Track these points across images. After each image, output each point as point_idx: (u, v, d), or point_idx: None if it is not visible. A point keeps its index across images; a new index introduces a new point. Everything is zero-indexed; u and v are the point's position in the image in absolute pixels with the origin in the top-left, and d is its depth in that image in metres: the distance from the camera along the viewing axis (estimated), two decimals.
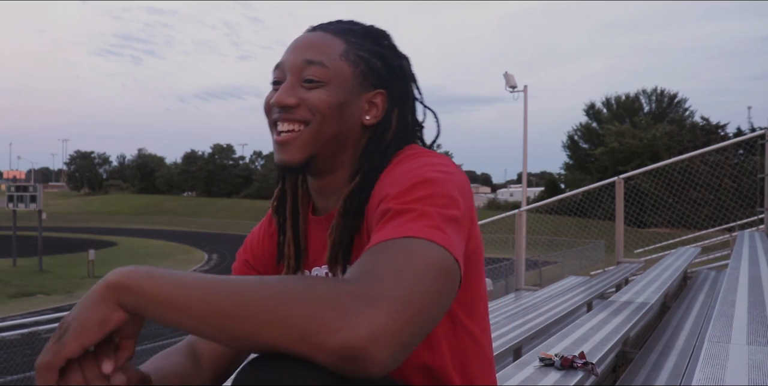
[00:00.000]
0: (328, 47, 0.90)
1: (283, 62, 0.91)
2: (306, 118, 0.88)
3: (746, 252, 3.67)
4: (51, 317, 8.68)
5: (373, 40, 0.94)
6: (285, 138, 0.88)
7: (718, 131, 36.82)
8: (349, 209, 0.89)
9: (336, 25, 0.94)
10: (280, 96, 0.87)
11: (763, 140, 6.40)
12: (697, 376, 1.25)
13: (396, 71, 0.94)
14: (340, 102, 0.88)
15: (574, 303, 3.87)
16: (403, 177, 0.80)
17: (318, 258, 0.97)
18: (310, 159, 0.89)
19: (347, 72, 0.89)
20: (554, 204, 8.22)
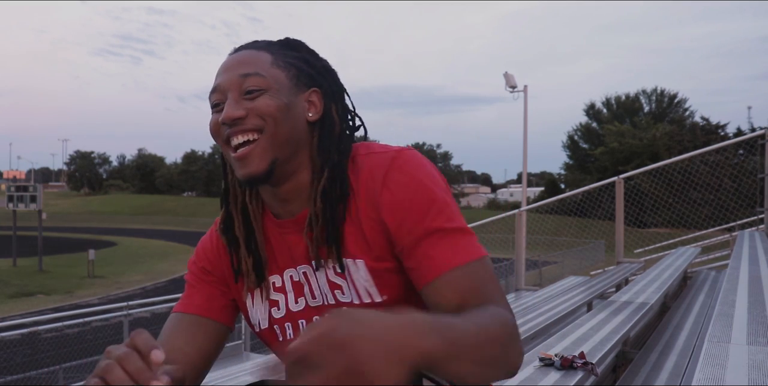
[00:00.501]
0: (258, 60, 0.95)
1: (219, 84, 0.95)
2: (258, 125, 0.91)
3: (746, 252, 3.67)
4: (51, 317, 8.67)
5: (293, 48, 1.01)
6: (244, 152, 0.91)
7: (718, 131, 36.84)
8: (328, 204, 0.93)
9: (255, 43, 1.01)
10: (227, 111, 0.90)
11: (763, 140, 6.40)
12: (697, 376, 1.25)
13: (322, 70, 1.01)
14: (285, 104, 0.93)
15: (574, 303, 3.87)
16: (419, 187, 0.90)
17: (288, 260, 0.99)
18: (272, 166, 0.91)
19: (282, 77, 0.95)
20: (554, 204, 8.22)
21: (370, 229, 0.91)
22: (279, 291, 1.00)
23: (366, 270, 0.92)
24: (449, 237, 0.87)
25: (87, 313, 8.60)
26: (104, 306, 9.43)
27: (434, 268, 0.86)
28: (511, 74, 18.41)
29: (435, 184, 0.91)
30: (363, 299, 0.93)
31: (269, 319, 1.01)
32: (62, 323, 8.10)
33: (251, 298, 1.03)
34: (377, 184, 0.91)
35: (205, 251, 1.08)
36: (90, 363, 8.80)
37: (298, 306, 0.99)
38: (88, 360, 8.88)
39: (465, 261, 0.86)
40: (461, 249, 0.87)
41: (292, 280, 1.00)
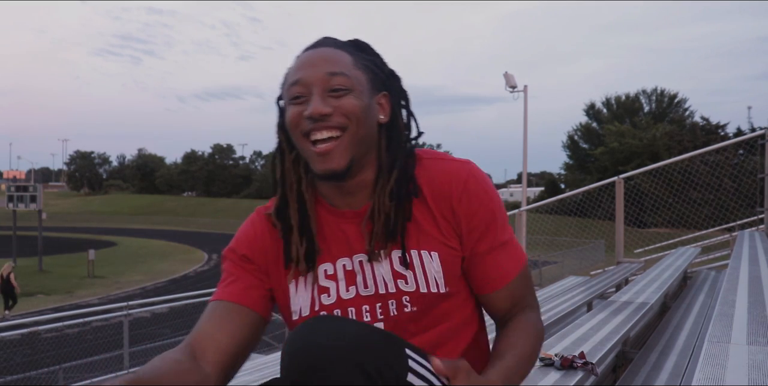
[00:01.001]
0: (342, 59, 1.00)
1: (302, 78, 0.98)
2: (342, 123, 0.96)
3: (746, 252, 3.67)
4: (51, 317, 8.68)
5: (363, 50, 1.06)
6: (326, 148, 0.95)
7: (718, 131, 36.82)
8: (396, 203, 1.00)
9: (332, 41, 1.04)
10: (315, 107, 0.95)
11: (763, 140, 6.39)
12: (697, 376, 1.25)
13: (390, 75, 1.07)
14: (366, 105, 0.99)
15: (574, 303, 3.87)
16: (490, 200, 1.03)
17: (344, 249, 1.04)
18: (351, 163, 0.97)
19: (363, 79, 1.00)
20: (554, 204, 8.21)
21: (444, 227, 1.01)
22: (330, 278, 1.03)
23: (439, 262, 1.00)
24: (509, 248, 1.04)
25: (87, 313, 8.61)
26: (104, 306, 9.44)
27: (500, 279, 1.04)
28: (511, 74, 18.40)
29: (496, 197, 1.04)
30: (431, 288, 1.00)
31: (313, 306, 1.03)
32: (62, 323, 8.11)
33: (295, 285, 1.04)
34: (456, 189, 1.01)
35: (247, 238, 1.09)
36: (90, 363, 8.80)
37: (348, 294, 1.02)
38: (88, 360, 8.88)
39: (519, 270, 1.05)
40: (516, 259, 1.05)
41: (344, 269, 1.03)
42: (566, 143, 47.82)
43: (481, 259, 1.03)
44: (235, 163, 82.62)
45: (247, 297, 1.04)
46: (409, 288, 1.00)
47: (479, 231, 1.01)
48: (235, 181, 78.24)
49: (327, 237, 1.04)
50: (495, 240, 1.03)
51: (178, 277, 24.67)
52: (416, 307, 1.00)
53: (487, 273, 1.04)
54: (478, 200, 1.01)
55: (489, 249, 1.02)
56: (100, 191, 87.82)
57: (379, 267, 1.01)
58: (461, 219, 1.01)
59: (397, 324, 1.00)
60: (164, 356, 0.95)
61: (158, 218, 60.68)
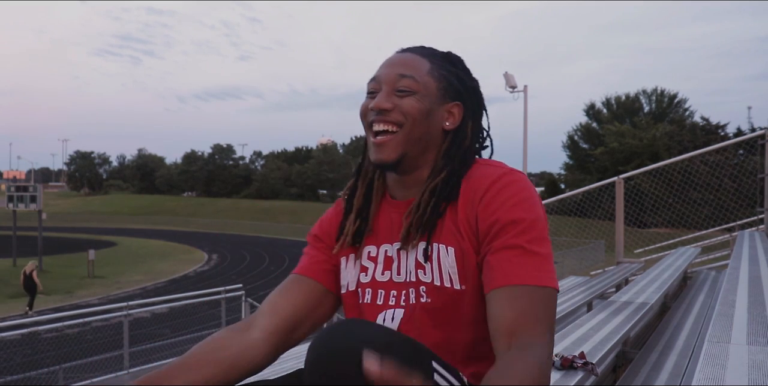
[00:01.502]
0: (417, 65, 1.09)
1: (378, 75, 1.10)
2: (399, 120, 1.06)
3: (746, 252, 3.67)
4: (51, 317, 8.68)
5: (451, 63, 1.14)
6: (382, 140, 1.06)
7: (718, 131, 36.79)
8: (434, 199, 1.06)
9: (421, 48, 1.14)
10: (378, 101, 1.06)
11: (763, 140, 6.39)
12: (697, 376, 1.25)
13: (469, 89, 1.14)
14: (427, 109, 1.07)
15: (574, 303, 3.87)
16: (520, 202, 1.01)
17: (389, 236, 1.12)
18: (402, 157, 1.06)
19: (432, 85, 1.09)
20: (554, 204, 8.21)
21: (464, 226, 1.04)
22: (371, 260, 1.14)
23: (454, 258, 1.04)
24: (530, 258, 0.97)
25: (87, 313, 8.61)
26: (104, 307, 9.44)
27: (509, 277, 0.96)
28: (511, 74, 18.40)
29: (529, 206, 1.01)
30: (444, 283, 1.04)
31: (357, 282, 1.14)
32: (62, 323, 8.11)
33: (346, 261, 1.16)
34: (480, 190, 1.04)
35: (322, 221, 1.23)
36: (90, 363, 8.80)
37: (383, 277, 1.12)
38: (88, 360, 8.88)
39: (533, 284, 0.95)
40: (537, 273, 0.96)
41: (385, 254, 1.12)
42: (566, 143, 47.81)
43: (491, 256, 0.99)
44: (235, 163, 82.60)
45: (311, 269, 1.16)
46: (426, 279, 1.06)
47: (495, 229, 1.00)
48: (235, 181, 78.22)
49: (379, 223, 1.14)
50: (511, 241, 0.98)
51: (178, 277, 24.67)
52: (431, 299, 1.05)
53: (491, 268, 0.98)
54: (501, 199, 1.01)
55: (501, 247, 0.98)
56: (100, 191, 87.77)
57: (408, 256, 1.08)
58: (479, 217, 1.02)
59: (413, 313, 1.07)
60: (216, 334, 1.08)
61: (158, 218, 60.66)
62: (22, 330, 7.72)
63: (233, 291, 10.21)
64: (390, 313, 1.08)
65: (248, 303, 9.95)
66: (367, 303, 1.11)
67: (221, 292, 10.04)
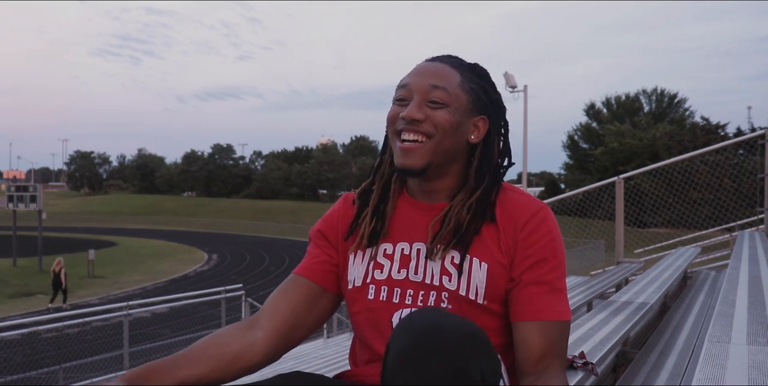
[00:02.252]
0: (449, 76, 1.10)
1: (410, 83, 1.09)
2: (430, 131, 1.06)
3: (746, 252, 3.67)
4: (51, 317, 8.68)
5: (479, 75, 1.15)
6: (410, 146, 1.07)
7: (718, 131, 36.81)
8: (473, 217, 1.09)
9: (450, 59, 1.15)
10: (411, 111, 1.06)
11: (763, 140, 6.39)
12: (697, 376, 1.25)
13: (495, 104, 1.15)
14: (457, 122, 1.08)
15: (574, 303, 3.87)
16: (552, 240, 1.10)
17: (406, 235, 1.13)
18: (428, 166, 1.07)
19: (463, 98, 1.10)
20: (554, 204, 8.21)
21: (504, 246, 1.08)
22: (387, 257, 1.14)
23: (486, 273, 1.07)
24: (556, 294, 1.07)
25: (87, 313, 8.60)
26: (104, 306, 9.44)
27: (534, 312, 1.05)
28: (511, 74, 18.40)
29: (561, 244, 1.10)
30: (470, 294, 1.07)
31: (366, 278, 1.14)
32: (62, 323, 8.10)
33: (354, 257, 1.16)
34: (523, 218, 1.08)
35: (326, 217, 1.23)
36: (90, 363, 8.81)
37: (399, 275, 1.12)
38: (88, 360, 8.88)
39: (560, 319, 1.07)
40: (562, 309, 1.07)
41: (402, 252, 1.13)
42: (566, 143, 47.82)
43: (523, 288, 1.07)
44: (235, 163, 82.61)
45: (311, 270, 1.16)
46: (450, 286, 1.08)
47: (531, 261, 1.06)
48: (235, 181, 78.22)
49: (396, 220, 1.15)
50: (543, 277, 1.07)
51: (178, 277, 24.68)
52: (451, 305, 1.08)
53: (523, 301, 1.06)
54: (540, 234, 1.07)
55: (534, 281, 1.06)
56: (100, 191, 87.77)
57: (431, 261, 1.10)
58: (518, 245, 1.07)
59: None
60: (220, 330, 1.11)
61: (158, 218, 60.66)
62: (22, 330, 7.71)
63: (233, 291, 10.21)
64: (407, 312, 1.09)
65: (248, 303, 9.95)
66: (383, 300, 1.12)
67: (221, 292, 10.04)
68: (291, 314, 1.12)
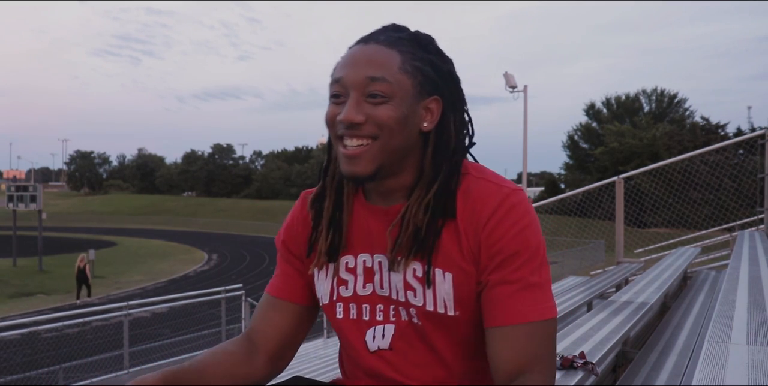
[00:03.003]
0: (387, 61, 0.93)
1: (343, 77, 0.94)
2: (374, 133, 0.92)
3: (746, 252, 3.67)
4: (51, 317, 8.68)
5: (422, 46, 0.98)
6: (354, 151, 0.93)
7: (718, 131, 36.82)
8: (430, 218, 0.95)
9: (385, 34, 0.97)
10: (348, 114, 0.91)
11: (763, 140, 6.39)
12: (697, 376, 1.25)
13: (446, 77, 0.99)
14: (404, 115, 0.93)
15: (574, 303, 3.87)
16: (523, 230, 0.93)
17: (366, 245, 1.02)
18: (378, 169, 0.94)
19: (407, 84, 0.94)
20: (554, 204, 8.22)
21: (466, 251, 0.95)
22: (350, 271, 1.04)
23: (452, 284, 0.95)
24: (531, 291, 0.93)
25: (87, 313, 8.60)
26: (104, 306, 9.45)
27: (509, 315, 0.92)
28: (511, 74, 18.40)
29: (534, 234, 0.94)
30: (438, 309, 0.96)
31: (332, 295, 1.05)
32: (62, 323, 8.11)
33: (318, 272, 1.07)
34: (485, 214, 0.93)
35: (288, 224, 1.12)
36: (90, 363, 8.80)
37: (365, 290, 1.03)
38: (88, 360, 8.88)
39: (538, 319, 0.92)
40: (537, 306, 0.93)
41: (364, 265, 1.03)
42: (566, 143, 47.82)
43: (491, 289, 0.94)
44: (235, 162, 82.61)
45: (286, 290, 1.09)
46: (416, 302, 0.98)
47: (498, 260, 0.93)
48: (235, 181, 78.21)
49: (354, 230, 1.04)
50: (513, 273, 0.93)
51: (178, 277, 24.67)
52: (422, 322, 0.99)
53: (492, 305, 0.93)
54: (506, 227, 0.93)
55: (502, 280, 0.93)
56: (100, 191, 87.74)
57: (394, 273, 0.99)
58: (482, 245, 0.94)
59: (404, 333, 1.01)
60: (218, 348, 1.06)
61: (158, 218, 60.63)
62: (22, 330, 7.71)
63: (233, 291, 10.21)
64: (380, 330, 1.02)
65: (248, 303, 9.95)
66: (353, 319, 1.04)
67: (221, 292, 10.04)
68: (280, 337, 1.08)
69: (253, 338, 1.08)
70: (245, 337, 1.09)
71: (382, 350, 1.01)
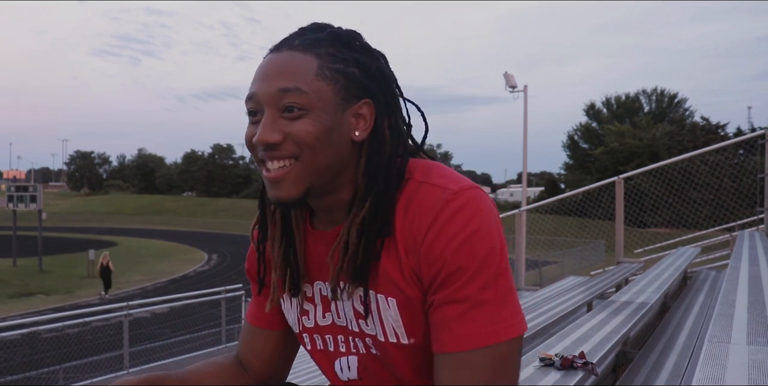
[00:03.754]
0: (301, 68, 0.83)
1: (255, 93, 0.84)
2: (294, 153, 0.82)
3: (746, 252, 3.67)
4: (51, 317, 8.69)
5: (345, 45, 0.87)
6: (276, 174, 0.83)
7: (718, 131, 36.84)
8: (365, 239, 0.84)
9: (301, 38, 0.87)
10: (262, 134, 0.81)
11: (763, 140, 6.40)
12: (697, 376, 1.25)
13: (376, 75, 0.88)
14: (328, 128, 0.82)
15: (574, 303, 3.87)
16: (468, 238, 0.79)
17: (317, 273, 0.95)
18: (306, 192, 0.84)
19: (328, 92, 0.83)
20: (554, 204, 8.22)
21: (407, 271, 0.83)
22: (309, 301, 0.98)
23: (397, 310, 0.85)
24: (481, 310, 0.79)
25: (87, 313, 8.61)
26: (104, 306, 9.45)
27: (452, 341, 0.79)
28: (511, 74, 18.43)
29: (481, 241, 0.79)
30: (389, 338, 0.87)
31: (298, 325, 1.01)
32: (62, 323, 8.11)
33: (283, 302, 1.01)
34: (424, 226, 0.81)
35: (250, 254, 1.06)
36: (90, 363, 8.81)
37: (325, 321, 0.96)
38: (88, 360, 8.88)
39: (488, 343, 0.78)
40: (490, 328, 0.79)
41: (321, 293, 0.96)
42: (566, 143, 47.84)
43: (435, 311, 0.81)
44: (235, 163, 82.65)
45: (264, 319, 1.05)
46: (369, 332, 0.90)
47: (441, 278, 0.80)
48: (235, 181, 78.25)
49: (307, 257, 0.95)
50: (459, 292, 0.79)
51: (178, 277, 24.67)
52: (379, 352, 0.90)
53: (435, 329, 0.82)
54: (444, 241, 0.79)
55: (447, 300, 0.80)
56: (100, 191, 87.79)
57: (346, 302, 0.91)
58: (422, 262, 0.81)
59: (366, 364, 0.95)
60: (209, 360, 1.05)
61: (158, 218, 60.66)
62: (22, 330, 7.72)
63: (233, 291, 10.22)
64: (344, 361, 0.97)
65: (248, 303, 9.95)
66: (320, 349, 0.99)
67: (221, 292, 10.05)
68: (270, 363, 1.06)
69: (243, 362, 1.07)
70: (236, 357, 1.07)
71: (351, 380, 0.98)
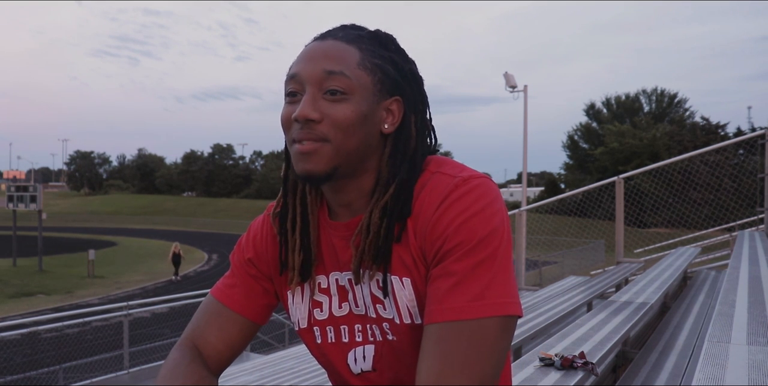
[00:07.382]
0: (346, 56, 0.87)
1: (299, 73, 0.87)
2: (327, 135, 0.85)
3: (746, 252, 3.67)
4: (51, 317, 8.67)
5: (382, 45, 0.92)
6: (308, 148, 0.85)
7: (718, 131, 36.82)
8: (386, 221, 0.88)
9: (344, 31, 0.92)
10: (303, 109, 0.84)
11: (763, 140, 6.40)
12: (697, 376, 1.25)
13: (408, 76, 0.93)
14: (364, 115, 0.87)
15: (574, 303, 3.87)
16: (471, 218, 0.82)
17: (335, 264, 0.96)
18: (334, 170, 0.86)
19: (367, 81, 0.88)
20: (554, 204, 8.22)
21: (415, 251, 0.86)
22: (324, 292, 0.97)
23: (412, 290, 0.87)
24: (472, 283, 0.79)
25: (87, 313, 8.60)
26: (104, 306, 9.43)
27: (439, 311, 0.80)
28: (511, 74, 18.42)
29: (481, 221, 0.82)
30: (404, 319, 0.88)
31: (309, 320, 0.99)
32: (62, 323, 8.11)
33: (293, 296, 1.00)
34: (432, 208, 0.85)
35: (254, 240, 1.04)
36: (90, 363, 8.81)
37: (341, 311, 0.96)
38: (88, 360, 8.88)
39: (468, 317, 0.78)
40: (472, 302, 0.78)
41: (337, 284, 0.96)
42: (566, 143, 47.84)
43: (430, 285, 0.83)
44: (235, 163, 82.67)
45: (248, 307, 1.01)
46: (387, 316, 0.91)
47: (440, 255, 0.83)
48: (235, 181, 78.26)
49: (323, 248, 0.97)
50: (450, 266, 0.81)
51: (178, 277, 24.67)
52: (396, 337, 0.91)
53: (427, 301, 0.83)
54: (448, 219, 0.82)
55: (440, 274, 0.82)
56: (100, 191, 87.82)
57: (362, 288, 0.92)
58: (427, 240, 0.85)
59: (383, 352, 0.94)
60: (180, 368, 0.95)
61: (158, 218, 60.65)
62: (22, 330, 7.71)
63: None
64: (360, 351, 0.96)
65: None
66: (332, 343, 0.98)
67: None
68: (229, 353, 1.01)
69: (199, 345, 1.00)
70: (191, 346, 1.00)
71: (365, 372, 0.96)
